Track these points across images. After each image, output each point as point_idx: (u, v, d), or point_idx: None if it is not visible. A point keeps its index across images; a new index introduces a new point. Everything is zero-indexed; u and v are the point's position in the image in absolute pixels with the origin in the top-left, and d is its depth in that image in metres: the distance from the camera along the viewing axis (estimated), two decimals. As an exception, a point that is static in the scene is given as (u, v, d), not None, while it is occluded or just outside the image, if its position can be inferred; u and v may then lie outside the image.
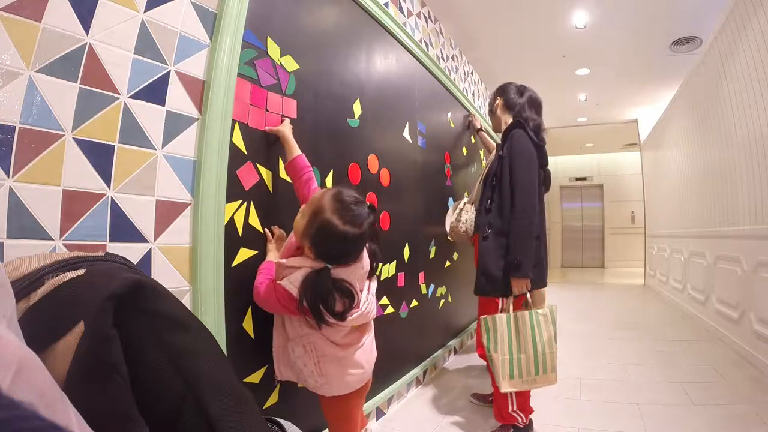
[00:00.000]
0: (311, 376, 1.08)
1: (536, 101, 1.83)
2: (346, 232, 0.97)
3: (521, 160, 1.65)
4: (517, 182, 1.64)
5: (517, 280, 1.60)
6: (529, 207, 1.61)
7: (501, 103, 1.86)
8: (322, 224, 0.98)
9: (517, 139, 1.68)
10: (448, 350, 2.69)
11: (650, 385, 2.11)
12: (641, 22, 3.18)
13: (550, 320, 1.60)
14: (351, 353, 1.11)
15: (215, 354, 0.63)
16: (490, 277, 1.65)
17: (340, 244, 0.99)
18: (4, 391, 0.26)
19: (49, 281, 0.53)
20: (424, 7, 2.63)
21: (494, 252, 1.66)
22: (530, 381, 1.56)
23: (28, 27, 0.74)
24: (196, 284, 1.01)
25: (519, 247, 1.59)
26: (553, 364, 1.57)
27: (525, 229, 1.60)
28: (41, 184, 0.75)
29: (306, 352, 1.07)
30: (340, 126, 1.63)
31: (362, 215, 1.00)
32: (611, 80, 4.49)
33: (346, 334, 1.12)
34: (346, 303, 1.00)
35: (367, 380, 1.20)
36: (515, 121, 1.75)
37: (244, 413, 0.60)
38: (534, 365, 1.56)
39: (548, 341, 1.57)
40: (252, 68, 1.21)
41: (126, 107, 0.89)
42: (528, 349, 1.56)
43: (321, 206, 1.00)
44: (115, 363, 0.48)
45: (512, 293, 1.62)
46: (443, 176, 2.63)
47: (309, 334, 1.07)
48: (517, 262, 1.58)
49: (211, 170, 1.05)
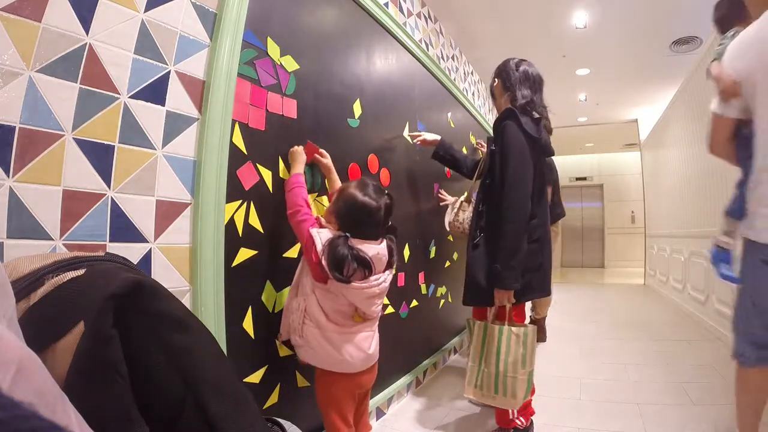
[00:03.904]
0: (294, 333, 1.17)
1: (531, 76, 1.61)
2: (364, 202, 1.16)
3: (512, 157, 1.49)
4: (507, 182, 1.48)
5: (498, 291, 1.47)
6: (518, 210, 1.45)
7: (499, 84, 1.67)
8: (346, 198, 1.18)
9: (507, 132, 1.51)
10: (448, 350, 2.69)
11: (650, 385, 2.11)
12: (641, 22, 3.18)
13: (521, 341, 1.45)
14: (335, 331, 1.15)
15: (215, 354, 0.63)
16: (476, 286, 1.53)
17: (358, 212, 1.16)
18: (4, 391, 0.26)
19: (49, 281, 0.53)
20: (424, 7, 2.63)
21: (482, 259, 1.53)
22: (489, 397, 1.49)
23: (28, 27, 0.74)
24: (196, 284, 1.01)
25: (504, 254, 1.45)
26: (514, 390, 1.43)
27: (512, 235, 1.44)
28: (41, 184, 0.75)
29: (298, 309, 1.16)
30: (340, 126, 1.63)
31: (380, 193, 1.20)
32: (611, 80, 4.49)
33: (342, 313, 1.17)
34: (355, 268, 1.11)
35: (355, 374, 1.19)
36: (506, 111, 1.56)
37: (244, 413, 0.60)
38: (494, 383, 1.46)
39: (513, 363, 1.44)
40: (252, 68, 1.21)
41: (126, 107, 0.89)
42: (491, 365, 1.47)
43: (347, 186, 1.21)
44: (115, 363, 0.48)
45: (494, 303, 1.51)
46: (443, 176, 2.63)
47: (308, 295, 1.16)
48: (497, 272, 1.45)
49: (211, 170, 1.05)
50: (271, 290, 1.26)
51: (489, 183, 1.57)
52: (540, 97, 1.63)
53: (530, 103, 1.57)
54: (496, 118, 1.61)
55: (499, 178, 1.51)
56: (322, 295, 1.15)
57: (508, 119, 1.53)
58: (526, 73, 1.61)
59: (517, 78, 1.61)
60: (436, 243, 2.49)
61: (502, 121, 1.55)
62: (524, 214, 1.47)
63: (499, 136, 1.56)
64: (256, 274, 1.21)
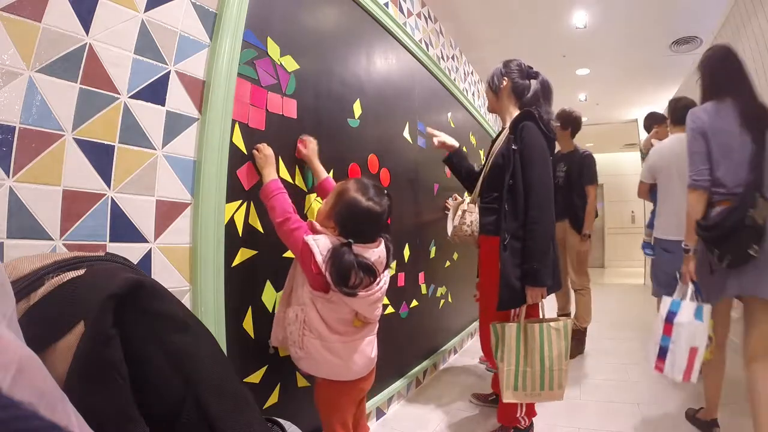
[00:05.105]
0: (293, 345, 1.12)
1: (549, 89, 1.65)
2: (369, 207, 1.10)
3: (536, 158, 1.51)
4: (533, 183, 1.50)
5: (533, 289, 1.49)
6: (546, 210, 1.49)
7: (509, 86, 1.66)
8: (348, 202, 1.10)
9: (528, 132, 1.52)
10: (448, 350, 2.69)
11: (650, 385, 2.11)
12: (641, 22, 3.18)
13: (562, 335, 1.49)
14: (338, 341, 1.11)
15: (215, 354, 0.63)
16: (511, 288, 1.51)
17: (363, 219, 1.10)
18: (4, 392, 0.26)
19: (50, 281, 0.53)
20: (424, 7, 2.63)
21: (512, 260, 1.52)
22: (534, 395, 1.50)
23: (28, 27, 0.74)
24: (196, 284, 1.01)
25: (537, 254, 1.47)
26: (560, 381, 1.48)
27: (542, 235, 1.48)
28: (41, 184, 0.75)
29: (296, 320, 1.10)
30: (340, 126, 1.63)
31: (381, 195, 1.14)
32: (611, 80, 4.49)
33: (344, 321, 1.12)
34: (362, 277, 1.06)
35: (357, 380, 1.17)
36: (526, 112, 1.57)
37: (244, 413, 0.60)
38: (540, 380, 1.48)
39: (558, 357, 1.48)
40: (252, 68, 1.21)
41: (126, 107, 0.89)
42: (534, 363, 1.48)
43: (346, 188, 1.13)
44: (115, 363, 0.48)
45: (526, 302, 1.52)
46: (443, 176, 2.63)
47: (307, 306, 1.10)
48: (534, 270, 1.47)
49: (211, 170, 1.05)
50: (271, 290, 1.26)
51: (512, 183, 1.55)
52: (549, 105, 1.66)
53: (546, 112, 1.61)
54: (515, 118, 1.60)
55: (524, 180, 1.52)
56: (323, 305, 1.10)
57: (529, 120, 1.55)
58: (544, 85, 1.64)
59: (536, 91, 1.62)
60: (436, 243, 2.49)
61: (522, 121, 1.56)
62: (551, 214, 1.52)
63: (518, 137, 1.55)
64: (256, 274, 1.21)
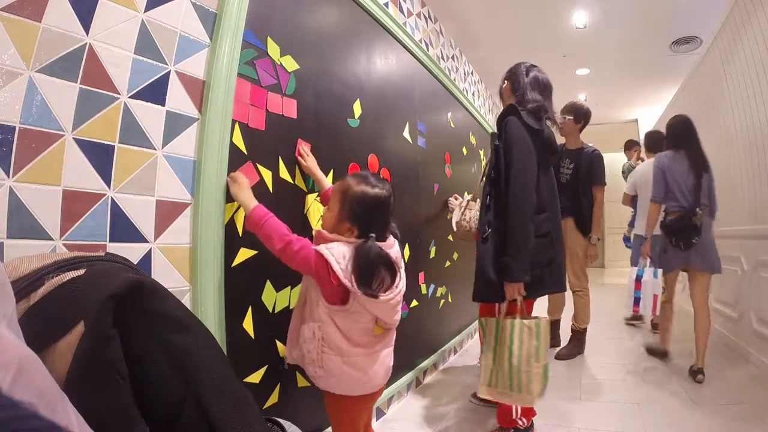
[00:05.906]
0: (312, 364, 1.07)
1: (541, 82, 1.65)
2: (377, 194, 1.09)
3: (515, 152, 1.50)
4: (510, 177, 1.49)
5: (508, 284, 1.46)
6: (521, 203, 1.46)
7: (508, 86, 1.71)
8: (356, 196, 1.07)
9: (509, 126, 1.53)
10: (448, 350, 2.69)
11: (650, 385, 2.11)
12: (641, 22, 3.18)
13: (534, 334, 1.41)
14: (360, 354, 1.07)
15: (215, 354, 0.63)
16: (486, 281, 1.49)
17: (375, 207, 1.08)
18: (4, 392, 0.26)
19: (50, 281, 0.53)
20: (424, 7, 2.63)
21: (491, 253, 1.50)
22: (505, 395, 1.45)
23: (28, 27, 0.74)
24: (196, 284, 1.01)
25: (510, 248, 1.44)
26: (529, 385, 1.39)
27: (517, 225, 1.44)
28: (41, 184, 0.75)
29: (314, 338, 1.05)
30: (340, 126, 1.63)
31: (382, 180, 1.12)
32: (611, 80, 4.50)
33: (365, 330, 1.09)
34: (383, 276, 1.03)
35: (374, 392, 1.15)
36: (508, 107, 1.58)
37: (244, 413, 0.60)
38: (509, 379, 1.42)
39: (526, 357, 1.40)
40: (252, 68, 1.21)
41: (126, 107, 0.89)
42: (503, 361, 1.43)
43: (348, 185, 1.10)
44: (115, 363, 0.48)
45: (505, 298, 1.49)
46: (443, 176, 2.63)
47: (324, 323, 1.05)
48: (506, 264, 1.44)
49: (211, 170, 1.05)
50: (271, 290, 1.26)
51: (495, 177, 1.57)
52: (550, 103, 1.66)
53: (542, 108, 1.60)
54: (499, 114, 1.63)
55: (504, 171, 1.52)
56: (342, 318, 1.05)
57: (510, 114, 1.56)
58: (536, 78, 1.64)
59: (527, 82, 1.63)
60: (436, 243, 2.49)
61: (504, 116, 1.58)
62: (528, 204, 1.47)
63: (502, 132, 1.57)
64: (256, 274, 1.21)
